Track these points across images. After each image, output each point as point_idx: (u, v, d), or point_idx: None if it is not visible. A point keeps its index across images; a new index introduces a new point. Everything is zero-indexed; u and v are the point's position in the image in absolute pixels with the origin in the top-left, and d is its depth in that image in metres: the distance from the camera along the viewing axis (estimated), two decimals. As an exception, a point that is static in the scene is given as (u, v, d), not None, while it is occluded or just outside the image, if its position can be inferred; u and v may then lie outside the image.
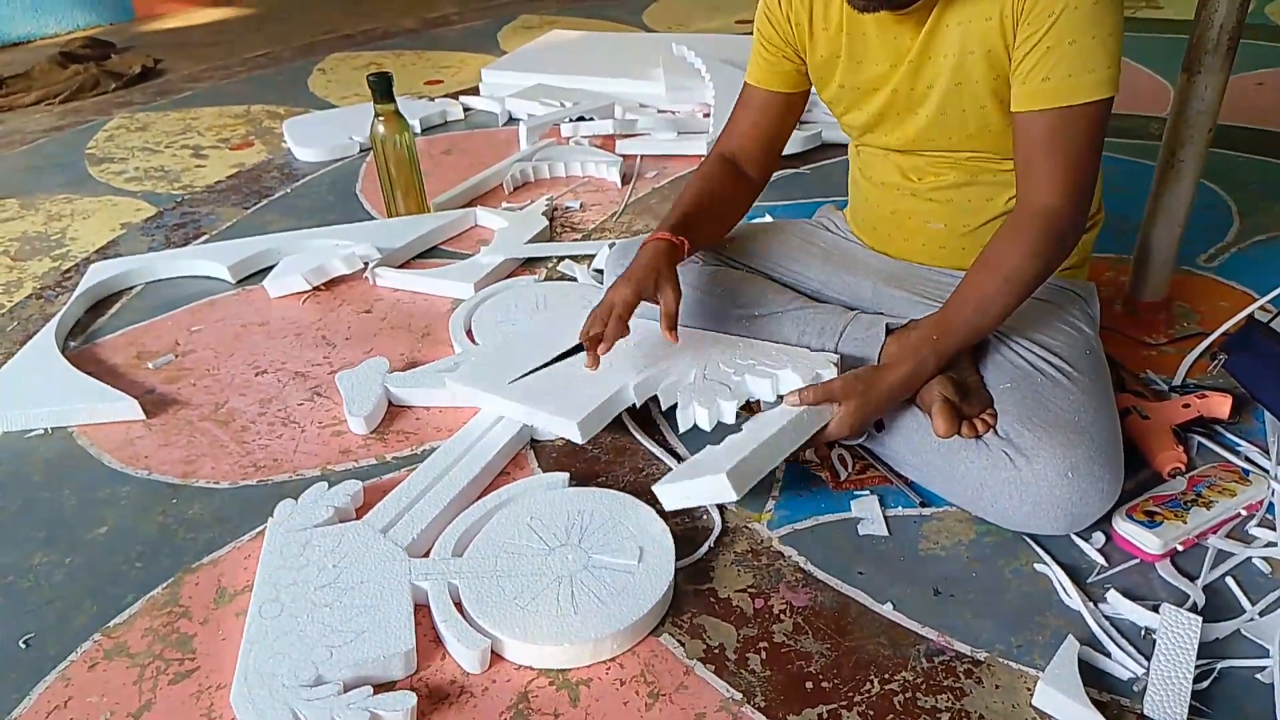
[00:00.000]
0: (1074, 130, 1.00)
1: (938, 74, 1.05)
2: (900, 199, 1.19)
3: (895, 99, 1.10)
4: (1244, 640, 0.90)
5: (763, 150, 1.25)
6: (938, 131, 1.10)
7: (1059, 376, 1.05)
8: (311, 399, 1.32)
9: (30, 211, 2.01)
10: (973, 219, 1.16)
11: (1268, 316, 1.29)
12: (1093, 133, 1.00)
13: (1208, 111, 1.29)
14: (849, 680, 0.88)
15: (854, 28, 1.09)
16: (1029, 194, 1.03)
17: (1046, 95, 0.99)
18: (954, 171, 1.13)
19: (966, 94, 1.05)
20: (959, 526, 1.05)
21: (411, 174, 1.76)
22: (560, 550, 1.00)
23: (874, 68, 1.10)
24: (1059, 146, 1.00)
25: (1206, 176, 1.48)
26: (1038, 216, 1.02)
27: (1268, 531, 1.02)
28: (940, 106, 1.07)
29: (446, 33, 3.41)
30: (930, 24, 1.03)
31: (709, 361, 1.16)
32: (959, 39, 1.02)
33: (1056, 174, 1.01)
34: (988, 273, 1.03)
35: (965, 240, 1.17)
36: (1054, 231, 1.01)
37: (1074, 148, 1.00)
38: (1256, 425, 1.18)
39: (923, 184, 1.16)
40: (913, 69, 1.07)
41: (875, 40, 1.08)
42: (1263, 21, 3.01)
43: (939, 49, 1.04)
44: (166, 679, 0.91)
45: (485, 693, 0.88)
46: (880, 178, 1.21)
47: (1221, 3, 1.22)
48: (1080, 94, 0.98)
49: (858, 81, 1.12)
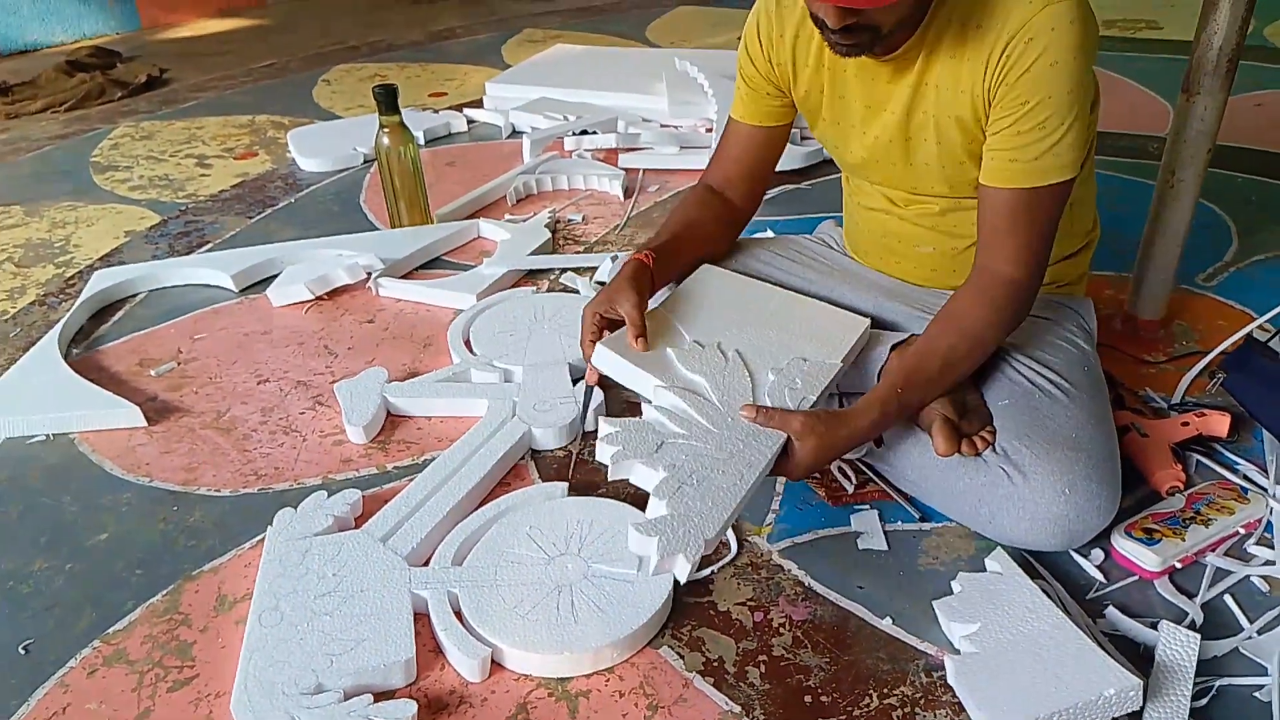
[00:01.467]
0: (1036, 209, 1.02)
1: (920, 130, 1.07)
2: (889, 223, 1.20)
3: (879, 145, 1.11)
4: (1242, 658, 0.90)
5: (747, 181, 1.27)
6: (920, 180, 1.12)
7: (1057, 393, 1.06)
8: (313, 408, 1.33)
9: (35, 218, 2.02)
10: (960, 242, 1.17)
11: (1266, 336, 1.29)
12: (1054, 210, 1.03)
13: (1207, 132, 1.30)
14: (848, 694, 0.88)
15: (835, 64, 1.10)
16: (991, 262, 1.05)
17: (1013, 175, 1.01)
18: (939, 201, 1.14)
19: (946, 153, 1.07)
20: (958, 542, 1.05)
21: (415, 185, 1.77)
22: (560, 559, 1.00)
23: (855, 105, 1.11)
24: (1021, 222, 1.03)
25: (1205, 196, 1.48)
26: (1000, 286, 1.04)
27: (1266, 550, 1.02)
28: (924, 159, 1.09)
29: (451, 45, 3.43)
30: (913, 80, 1.04)
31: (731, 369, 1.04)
32: (936, 102, 1.04)
33: (1020, 249, 1.03)
34: (955, 333, 1.05)
35: (954, 262, 1.18)
36: (1016, 301, 1.05)
37: (1035, 225, 1.03)
38: (1255, 444, 1.19)
39: (909, 210, 1.17)
40: (895, 121, 1.07)
41: (854, 78, 1.09)
42: (1261, 43, 3.03)
43: (920, 106, 1.05)
44: (165, 686, 0.91)
45: (485, 703, 0.88)
46: (868, 203, 1.22)
47: (1221, 24, 1.23)
48: (1046, 177, 1.00)
49: (839, 117, 1.14)
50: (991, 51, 0.97)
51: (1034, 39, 0.94)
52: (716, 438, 0.97)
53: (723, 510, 0.90)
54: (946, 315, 1.06)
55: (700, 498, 0.91)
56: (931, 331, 1.06)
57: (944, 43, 1.00)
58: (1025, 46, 0.95)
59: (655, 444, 0.96)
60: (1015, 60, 0.96)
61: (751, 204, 1.29)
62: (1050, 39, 0.94)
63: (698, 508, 0.90)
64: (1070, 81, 0.96)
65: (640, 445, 0.95)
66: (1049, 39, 0.94)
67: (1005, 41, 0.96)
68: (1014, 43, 0.95)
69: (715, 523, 0.89)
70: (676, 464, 0.94)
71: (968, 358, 1.05)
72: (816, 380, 1.05)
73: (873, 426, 1.01)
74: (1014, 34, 0.95)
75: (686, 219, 1.24)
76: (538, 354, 1.36)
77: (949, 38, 1.00)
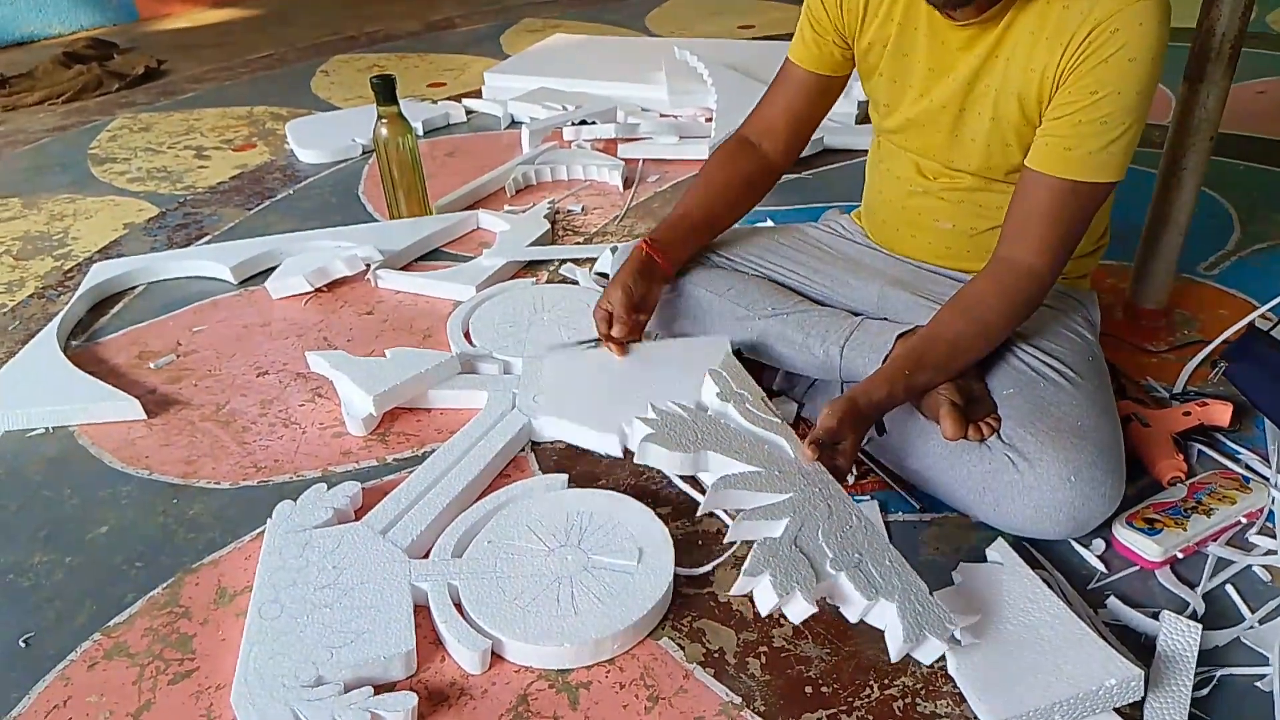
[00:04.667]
0: (1077, 204, 1.02)
1: (977, 102, 1.06)
2: (912, 194, 1.20)
3: (930, 110, 1.10)
4: (1243, 648, 0.90)
5: (790, 131, 1.26)
6: (959, 153, 1.11)
7: (1061, 381, 1.05)
8: (313, 400, 1.32)
9: (33, 211, 2.01)
10: (981, 223, 1.16)
11: (1268, 325, 1.29)
12: (1089, 209, 1.03)
13: (1209, 120, 1.29)
14: (848, 685, 0.88)
15: (907, 19, 1.08)
16: (1017, 249, 1.04)
17: (1063, 164, 1.00)
18: (969, 177, 1.14)
19: (996, 131, 1.06)
20: (959, 533, 1.05)
21: (414, 176, 1.76)
22: (560, 551, 1.00)
23: (918, 65, 1.09)
24: (1058, 215, 1.02)
25: (1208, 185, 1.48)
26: (1022, 277, 1.04)
27: (1268, 539, 1.02)
28: (971, 133, 1.08)
29: (450, 35, 3.41)
30: (985, 51, 1.03)
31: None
32: (1003, 76, 1.03)
33: (1050, 241, 1.03)
34: (967, 319, 1.05)
35: (971, 243, 1.18)
36: (1034, 293, 1.05)
37: (1071, 220, 1.02)
38: (1257, 433, 1.18)
39: (936, 183, 1.17)
40: (956, 89, 1.07)
41: (924, 37, 1.08)
42: (1264, 30, 3.01)
43: (985, 77, 1.04)
44: (166, 679, 0.91)
45: (485, 695, 0.88)
46: (896, 170, 1.21)
47: (1223, 11, 1.22)
48: (1095, 173, 0.99)
49: (897, 74, 1.12)
50: (1075, 34, 0.96)
51: (1119, 30, 0.93)
52: (801, 498, 0.93)
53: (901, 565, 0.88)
54: (960, 301, 1.06)
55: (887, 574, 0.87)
56: (942, 316, 1.06)
57: (1026, 16, 0.99)
58: (1110, 36, 0.94)
59: (806, 570, 0.86)
60: (1097, 48, 0.95)
61: (788, 159, 1.28)
62: (1135, 34, 0.93)
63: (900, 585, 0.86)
64: (1141, 82, 0.95)
65: (793, 572, 0.86)
66: (1134, 33, 0.93)
67: (1090, 27, 0.95)
68: (1099, 30, 0.94)
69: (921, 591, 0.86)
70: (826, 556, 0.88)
71: (976, 345, 1.05)
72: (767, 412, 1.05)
73: (886, 400, 1.02)
74: (1101, 20, 0.94)
75: (717, 181, 1.24)
76: (537, 345, 1.36)
77: (1032, 14, 0.99)
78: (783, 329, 1.21)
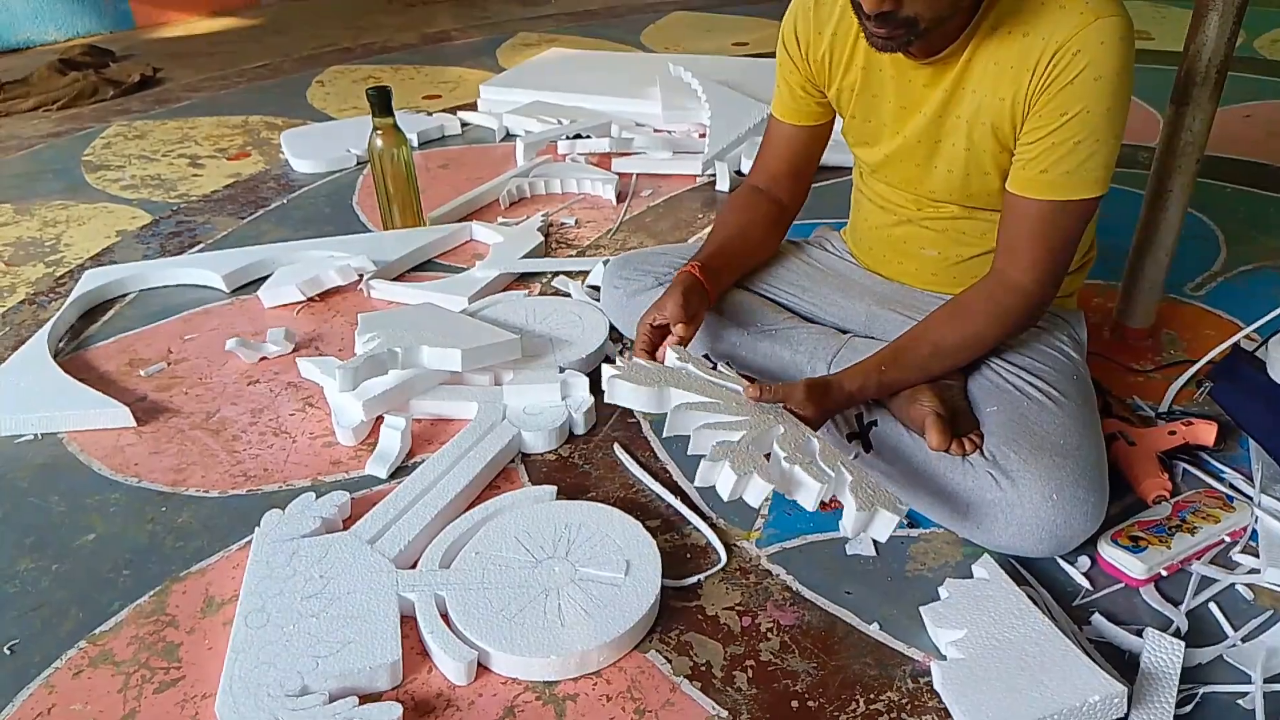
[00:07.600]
0: (1061, 223, 1.03)
1: (950, 134, 1.07)
2: (898, 223, 1.21)
3: (906, 145, 1.11)
4: (1226, 666, 0.91)
5: (792, 178, 1.28)
6: (938, 184, 1.12)
7: (1045, 400, 1.06)
8: (303, 409, 1.32)
9: (25, 217, 2.01)
10: (966, 250, 1.17)
11: (1253, 345, 1.30)
12: (1078, 227, 1.04)
13: (1196, 143, 1.31)
14: (835, 699, 0.88)
15: (870, 63, 1.10)
16: (1008, 269, 1.06)
17: (1042, 187, 1.01)
18: (952, 206, 1.15)
19: (972, 159, 1.07)
20: (946, 548, 1.06)
21: (408, 187, 1.77)
22: (547, 563, 1.00)
23: (887, 104, 1.11)
24: (1044, 234, 1.03)
25: (1194, 206, 1.49)
26: (1014, 293, 1.06)
27: (1251, 558, 1.02)
28: (948, 164, 1.09)
29: (446, 48, 3.43)
30: (950, 84, 1.04)
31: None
32: (973, 107, 1.04)
33: (1039, 261, 1.04)
34: (953, 325, 1.07)
35: (957, 270, 1.19)
36: (1026, 310, 1.07)
37: (1058, 238, 1.04)
38: (1241, 452, 1.19)
39: (920, 213, 1.18)
40: (927, 123, 1.08)
41: (890, 78, 1.09)
42: (1251, 54, 3.05)
43: (954, 110, 1.05)
44: (152, 688, 0.91)
45: (471, 706, 0.88)
46: (880, 201, 1.22)
47: (1210, 35, 1.24)
48: (1075, 192, 1.01)
49: (870, 114, 1.14)
50: (1039, 60, 0.97)
51: (1080, 50, 0.94)
52: (751, 421, 0.99)
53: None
54: (950, 307, 1.08)
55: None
56: (930, 319, 1.08)
57: (986, 49, 1.00)
58: (1073, 58, 0.95)
59: (761, 459, 0.95)
60: (1061, 70, 0.96)
61: (798, 200, 1.31)
62: (1098, 53, 0.94)
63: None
64: (1109, 99, 0.96)
65: (750, 459, 0.94)
66: (1097, 53, 0.94)
67: (1053, 51, 0.95)
68: (1061, 52, 0.95)
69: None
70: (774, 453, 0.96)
71: (958, 352, 1.07)
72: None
73: (858, 392, 1.06)
74: (1062, 43, 0.95)
75: (734, 225, 1.27)
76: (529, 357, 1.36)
77: (991, 44, 1.00)
78: (771, 346, 1.22)
